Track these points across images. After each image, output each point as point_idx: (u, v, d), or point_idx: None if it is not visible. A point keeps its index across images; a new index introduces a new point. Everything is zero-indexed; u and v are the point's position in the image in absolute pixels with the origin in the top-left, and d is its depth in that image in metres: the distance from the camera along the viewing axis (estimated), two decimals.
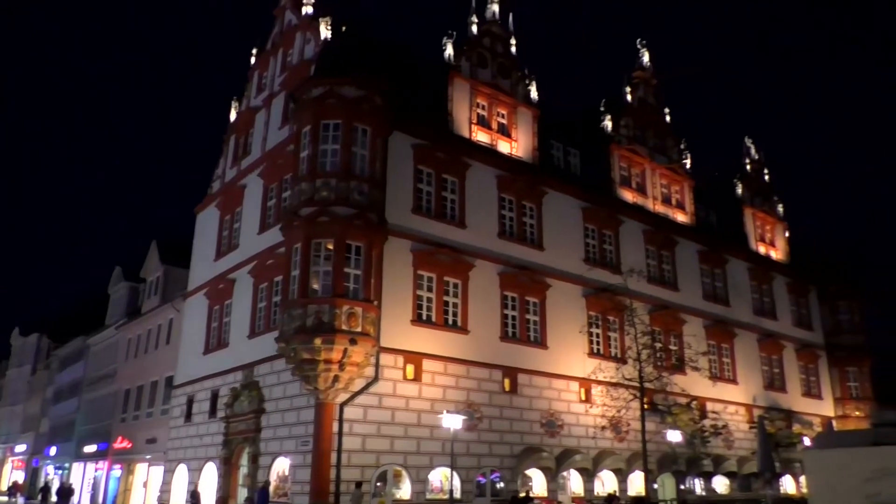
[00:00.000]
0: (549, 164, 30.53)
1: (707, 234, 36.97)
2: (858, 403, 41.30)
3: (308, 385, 21.16)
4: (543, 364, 26.82)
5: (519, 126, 29.35)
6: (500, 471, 24.56)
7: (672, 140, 37.45)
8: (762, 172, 43.64)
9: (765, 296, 39.58)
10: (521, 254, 27.49)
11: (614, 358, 28.30)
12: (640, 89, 36.61)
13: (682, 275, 34.30)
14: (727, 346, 35.62)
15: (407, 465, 22.31)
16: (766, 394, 36.95)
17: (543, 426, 26.06)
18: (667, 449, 28.46)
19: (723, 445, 32.00)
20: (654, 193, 34.91)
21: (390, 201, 23.68)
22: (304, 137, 23.19)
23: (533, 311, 27.34)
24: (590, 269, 29.02)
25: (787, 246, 42.98)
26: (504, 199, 27.75)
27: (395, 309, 23.05)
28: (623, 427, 27.55)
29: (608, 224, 31.47)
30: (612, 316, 29.19)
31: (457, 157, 26.35)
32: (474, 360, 24.70)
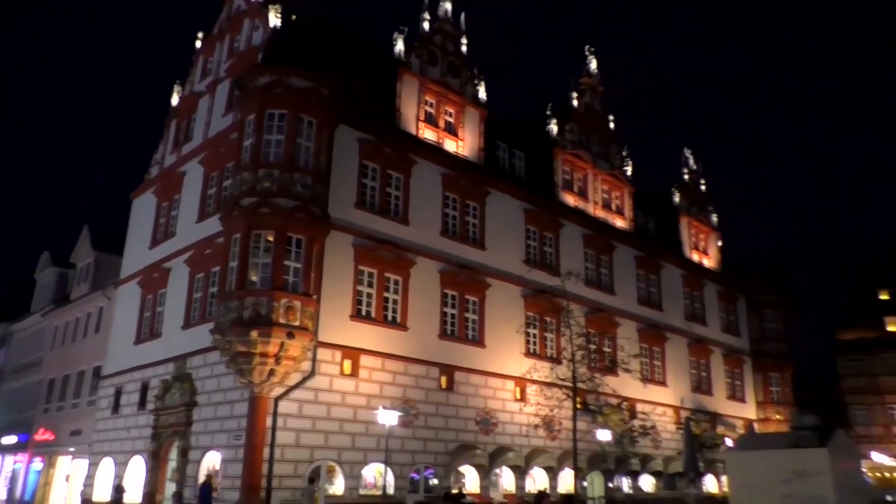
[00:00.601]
0: (494, 165, 30.81)
1: (644, 241, 37.95)
2: (779, 407, 43.09)
3: (242, 378, 20.83)
4: (480, 362, 27.09)
5: (466, 125, 29.52)
6: (434, 467, 24.69)
7: (615, 147, 38.28)
8: (699, 183, 45.05)
9: (696, 302, 40.88)
10: (463, 252, 27.68)
11: (550, 358, 28.77)
12: (586, 95, 37.29)
13: (618, 279, 35.12)
14: (658, 350, 36.65)
15: (341, 460, 22.22)
16: (694, 396, 38.18)
17: (478, 424, 26.33)
18: (597, 448, 29.15)
19: (650, 445, 32.91)
20: (595, 198, 35.62)
21: (334, 195, 23.51)
22: (249, 126, 22.79)
23: (472, 309, 27.57)
24: (529, 271, 29.43)
25: (719, 255, 44.49)
26: (448, 197, 27.88)
27: (335, 304, 22.90)
28: (555, 426, 28.06)
29: (549, 227, 31.97)
30: (549, 317, 29.73)
31: (403, 153, 26.34)
32: (412, 357, 24.76)
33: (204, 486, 19.99)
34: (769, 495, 17.34)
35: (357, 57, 27.55)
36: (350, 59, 26.83)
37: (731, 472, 20.27)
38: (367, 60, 27.75)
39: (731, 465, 20.10)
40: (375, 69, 27.42)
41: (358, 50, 28.23)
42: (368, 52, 28.55)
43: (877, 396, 49.67)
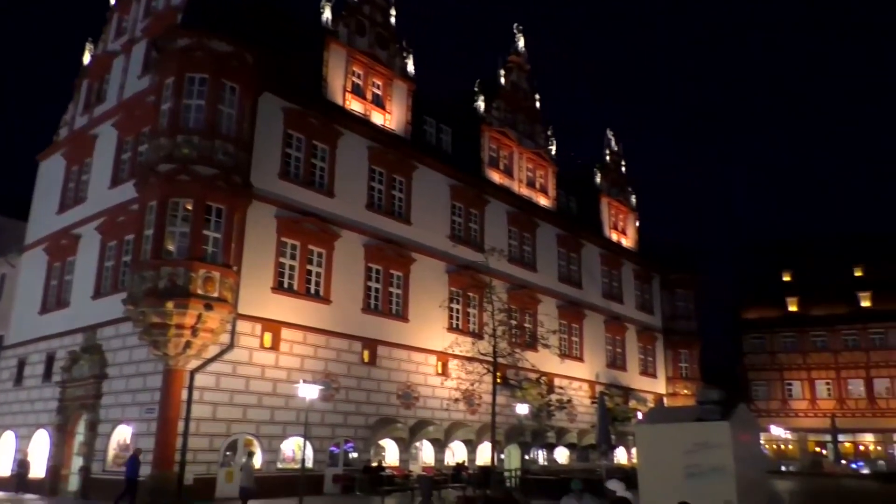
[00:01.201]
0: (421, 140, 30.71)
1: (566, 220, 38.78)
2: (687, 383, 45.23)
3: (157, 350, 20.22)
4: (404, 337, 27.20)
5: (394, 98, 29.25)
6: (355, 441, 24.75)
7: (540, 126, 38.78)
8: (620, 164, 46.24)
9: (613, 280, 42.19)
10: (388, 227, 27.59)
11: (472, 333, 29.16)
12: (513, 74, 37.53)
13: (540, 256, 35.81)
14: (577, 326, 37.71)
15: (259, 434, 21.96)
16: (608, 371, 39.56)
17: (400, 398, 26.51)
18: (515, 421, 29.87)
19: (566, 419, 33.96)
20: (520, 176, 36.07)
21: (257, 164, 22.92)
22: (167, 90, 21.85)
23: (396, 284, 27.58)
24: (454, 246, 29.62)
25: (636, 235, 45.96)
26: (374, 170, 27.65)
27: (256, 275, 22.46)
28: (476, 400, 28.56)
29: (475, 203, 32.21)
30: (472, 292, 30.10)
31: (329, 124, 25.89)
32: (335, 331, 24.62)
33: (132, 458, 19.26)
34: (673, 466, 18.20)
35: (283, 23, 26.78)
36: (275, 25, 26.06)
37: (639, 444, 21.16)
38: (293, 28, 27.03)
39: (640, 438, 20.97)
40: (302, 37, 26.76)
41: (284, 16, 27.43)
42: (295, 19, 27.80)
43: (776, 373, 52.70)
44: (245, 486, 18.24)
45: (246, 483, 18.25)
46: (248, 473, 18.47)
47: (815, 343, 52.08)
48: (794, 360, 52.47)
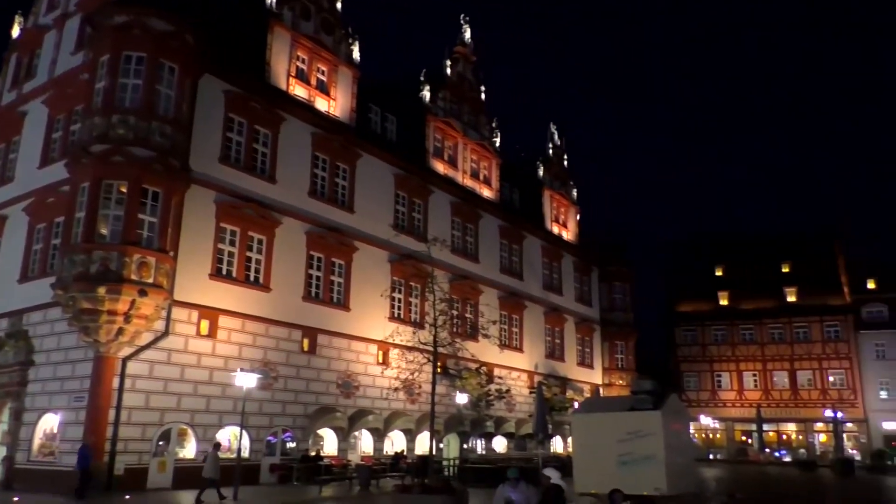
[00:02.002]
0: (366, 128, 30.49)
1: (509, 211, 39.16)
2: (623, 373, 46.39)
3: (87, 337, 19.57)
4: (345, 326, 27.05)
5: (338, 85, 28.92)
6: (293, 430, 24.53)
7: (485, 118, 38.98)
8: (562, 158, 46.91)
9: (554, 272, 42.88)
10: (331, 214, 27.34)
11: (413, 323, 29.20)
12: (459, 64, 37.58)
13: (483, 247, 36.09)
14: (517, 317, 38.18)
15: (194, 423, 21.53)
16: (547, 362, 40.24)
17: (339, 387, 26.38)
18: (454, 411, 30.10)
19: (505, 409, 34.42)
20: (464, 167, 36.22)
21: (196, 148, 22.37)
22: (102, 68, 21.07)
23: (338, 272, 27.39)
24: (397, 235, 29.55)
25: (577, 228, 46.77)
26: (318, 157, 27.33)
27: (193, 261, 21.96)
28: (416, 389, 28.58)
29: (419, 193, 32.21)
30: (414, 282, 30.14)
31: (272, 108, 25.44)
32: (274, 319, 24.30)
33: (82, 449, 18.51)
34: (607, 454, 18.74)
35: (226, 4, 26.14)
36: (218, 5, 25.41)
37: (575, 433, 21.71)
38: (236, 9, 26.40)
39: (576, 427, 21.52)
40: (245, 19, 26.17)
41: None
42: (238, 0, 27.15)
43: (707, 364, 54.56)
44: (208, 476, 18.03)
45: (210, 474, 18.04)
46: (213, 464, 18.24)
47: (744, 336, 54.10)
48: (724, 352, 54.41)
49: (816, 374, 51.71)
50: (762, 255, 55.44)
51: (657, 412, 18.85)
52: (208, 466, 18.25)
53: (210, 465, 18.22)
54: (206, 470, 18.23)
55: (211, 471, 18.05)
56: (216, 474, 18.05)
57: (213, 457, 18.51)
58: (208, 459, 18.54)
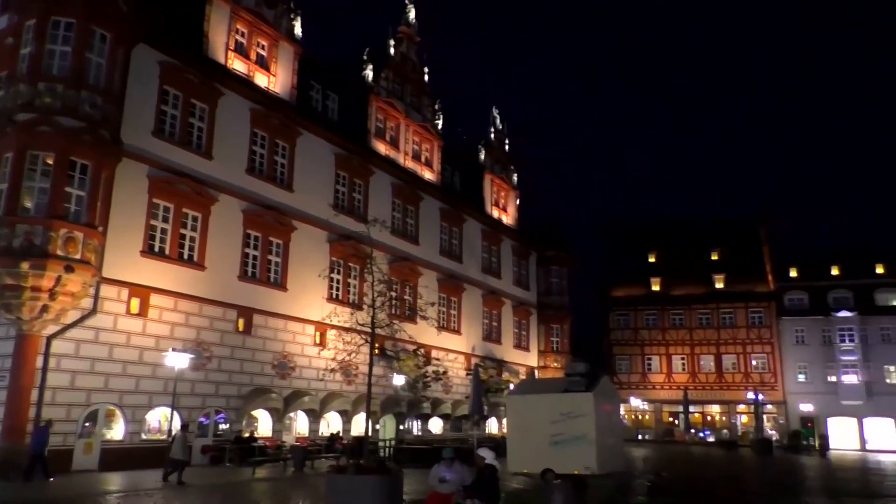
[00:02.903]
0: (307, 105, 29.99)
1: (450, 194, 39.26)
2: (558, 356, 47.38)
3: (9, 314, 18.76)
4: (281, 306, 26.73)
5: (279, 61, 28.32)
6: (226, 411, 24.16)
7: (428, 99, 38.85)
8: (504, 143, 47.23)
9: (493, 256, 43.30)
10: (270, 193, 26.87)
11: (351, 304, 29.06)
12: (403, 45, 37.27)
13: (423, 230, 36.12)
14: (456, 300, 38.45)
15: (122, 404, 20.97)
16: (484, 344, 40.72)
17: (275, 368, 26.09)
18: (391, 392, 30.20)
19: (441, 390, 34.71)
20: (406, 149, 36.07)
21: (128, 120, 21.58)
22: (28, 32, 20.02)
23: (276, 252, 26.99)
24: (336, 215, 29.29)
25: (516, 213, 47.28)
26: (257, 134, 26.76)
27: (124, 238, 21.27)
28: (353, 371, 28.59)
29: (360, 173, 31.94)
30: (353, 263, 29.94)
31: (209, 82, 24.74)
32: (208, 298, 23.81)
33: (42, 429, 17.79)
34: (540, 434, 19.21)
35: None
36: None
37: (509, 414, 22.14)
38: None
39: (510, 408, 21.96)
40: None
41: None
42: None
43: (638, 348, 56.17)
44: (176, 457, 17.96)
45: (178, 455, 17.98)
46: (181, 445, 18.16)
47: (674, 321, 55.86)
48: (655, 336, 56.11)
49: (740, 358, 53.87)
50: (693, 243, 57.21)
51: (589, 394, 19.39)
52: (176, 447, 18.21)
53: (178, 447, 18.17)
54: (174, 451, 18.19)
55: (179, 452, 18.05)
56: (184, 455, 18.10)
57: (182, 438, 18.43)
58: (176, 441, 18.44)
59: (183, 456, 18.09)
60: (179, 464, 17.96)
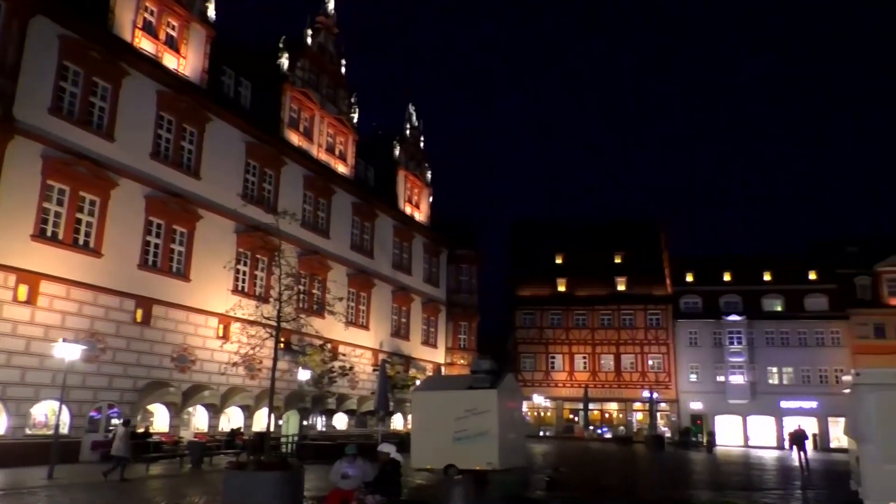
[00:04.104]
0: (218, 91, 29.11)
1: (363, 189, 39.01)
2: (464, 353, 47.98)
3: None
4: (183, 297, 25.85)
5: (190, 43, 27.34)
6: (120, 405, 23.16)
7: (344, 92, 38.46)
8: (419, 139, 47.35)
9: (404, 252, 43.36)
10: (175, 179, 25.92)
11: (257, 296, 28.42)
12: (321, 35, 36.72)
13: (334, 223, 35.74)
14: (365, 295, 38.27)
15: (5, 396, 19.74)
16: (392, 340, 40.74)
17: (174, 360, 25.22)
18: (296, 387, 29.75)
19: (348, 386, 34.49)
20: (319, 141, 35.58)
21: (23, 96, 20.30)
22: None
23: (180, 241, 26.07)
24: (245, 206, 28.56)
25: (429, 210, 47.51)
26: (163, 117, 25.75)
27: (13, 220, 20.03)
28: (256, 365, 27.93)
29: (271, 163, 31.27)
30: (261, 255, 29.31)
31: (113, 60, 23.59)
32: (105, 287, 22.74)
33: None
34: (444, 430, 19.43)
35: None
36: None
37: (414, 410, 22.27)
38: None
39: (416, 404, 22.10)
40: None
41: None
42: None
43: (542, 346, 57.57)
44: (118, 454, 17.47)
45: (120, 452, 17.50)
46: (123, 441, 17.61)
47: (577, 321, 57.61)
48: (559, 335, 57.68)
49: (638, 357, 56.16)
50: (598, 245, 59.11)
51: (493, 391, 19.75)
52: (117, 444, 17.65)
53: (119, 443, 17.64)
54: (115, 448, 17.66)
55: (121, 449, 17.57)
56: (127, 452, 17.63)
57: (123, 434, 17.84)
58: (117, 437, 17.83)
59: (125, 453, 17.66)
60: (121, 461, 17.54)
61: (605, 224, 61.88)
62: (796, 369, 53.41)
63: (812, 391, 52.04)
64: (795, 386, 53.14)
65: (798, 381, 53.29)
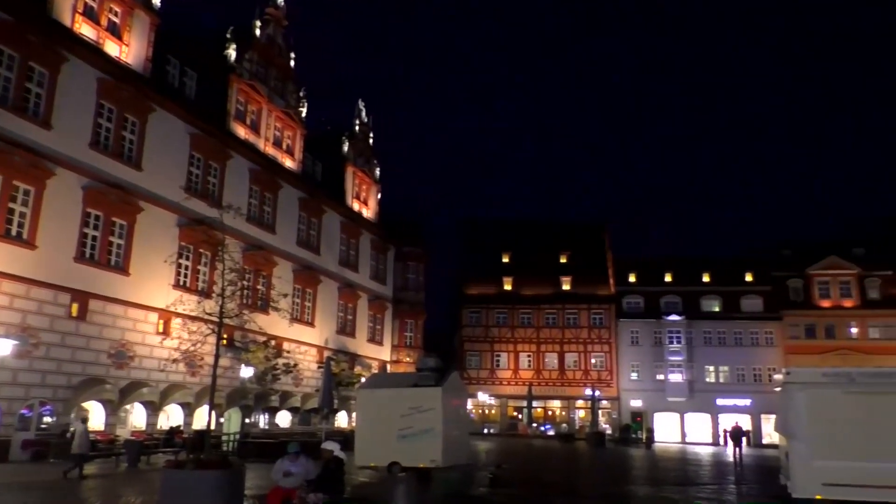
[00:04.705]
0: (162, 81, 28.39)
1: (310, 184, 38.61)
2: (410, 351, 47.99)
3: None
4: (122, 291, 25.15)
5: (133, 30, 26.58)
6: (53, 403, 22.38)
7: (293, 86, 37.98)
8: (368, 135, 47.10)
9: (351, 249, 43.10)
10: (115, 170, 25.18)
11: (200, 292, 27.84)
12: (270, 27, 36.18)
13: (281, 219, 35.27)
14: (311, 291, 37.90)
15: None
16: (338, 337, 40.45)
17: (112, 357, 24.51)
18: (238, 384, 29.27)
19: (292, 383, 34.11)
20: (267, 134, 35.06)
21: None
22: None
23: (119, 233, 25.35)
24: (188, 199, 27.91)
25: (377, 207, 47.32)
26: (104, 106, 24.99)
27: None
28: (198, 361, 27.36)
29: (216, 156, 30.67)
30: (204, 249, 28.71)
31: (51, 45, 22.76)
32: (38, 280, 21.94)
33: None
34: (389, 428, 19.41)
35: None
36: None
37: (359, 407, 22.18)
38: None
39: (360, 402, 22.01)
40: None
41: None
42: None
43: (488, 345, 57.99)
44: (79, 452, 17.26)
45: (81, 449, 17.30)
46: (82, 438, 17.35)
47: (523, 319, 58.20)
48: (504, 334, 58.18)
49: (581, 356, 57.10)
50: (544, 245, 59.85)
51: (438, 389, 19.82)
52: (77, 441, 17.36)
53: (78, 441, 17.36)
54: (75, 445, 17.37)
55: (81, 446, 17.33)
56: (86, 449, 17.50)
57: (83, 431, 17.54)
58: (76, 435, 17.47)
59: (83, 450, 17.48)
60: (80, 458, 17.38)
61: (552, 224, 62.72)
62: (732, 368, 55.17)
63: (746, 389, 53.81)
64: (731, 384, 54.89)
65: (733, 379, 55.07)
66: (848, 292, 54.55)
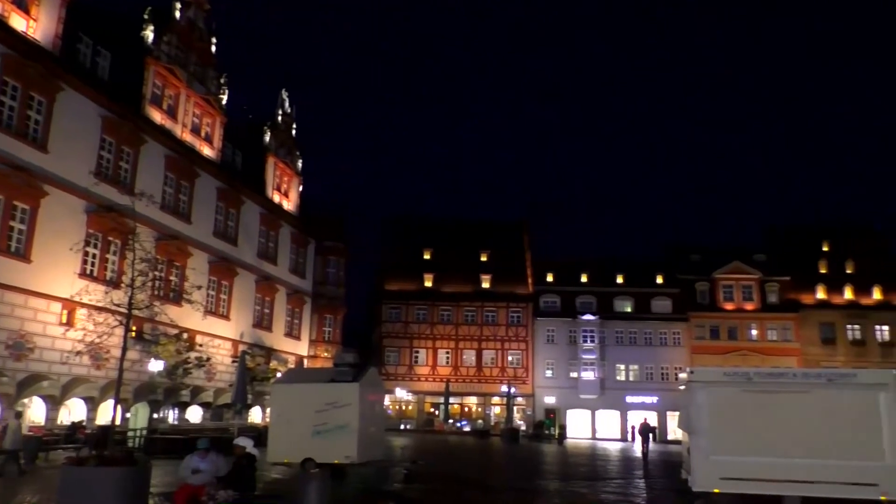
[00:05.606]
0: (73, 60, 27.04)
1: (229, 174, 37.64)
2: (329, 346, 47.51)
3: None
4: (22, 279, 23.83)
5: (42, 5, 25.21)
6: None
7: (214, 72, 36.92)
8: (291, 126, 46.31)
9: (270, 241, 42.28)
10: (18, 151, 23.82)
11: (108, 282, 26.69)
12: (191, 9, 35.01)
13: (197, 208, 34.23)
14: (227, 284, 36.97)
15: None
16: (253, 331, 39.61)
17: (9, 348, 23.20)
18: (146, 378, 28.26)
19: (204, 377, 33.18)
20: (184, 121, 33.94)
21: None
22: None
23: (21, 218, 24.01)
24: (97, 184, 26.74)
25: (298, 199, 46.61)
26: (7, 83, 23.61)
27: None
28: (103, 354, 26.29)
29: (129, 140, 29.46)
30: (114, 237, 27.55)
31: None
32: None
33: None
34: (304, 424, 19.21)
35: None
36: None
37: (274, 403, 21.84)
38: None
39: (275, 397, 21.68)
40: None
41: None
42: None
43: (407, 340, 58.06)
44: (13, 448, 17.01)
45: (15, 445, 17.08)
46: (15, 434, 17.09)
47: (442, 316, 58.58)
48: (424, 330, 58.39)
49: (499, 353, 57.98)
50: (465, 243, 60.44)
51: (355, 384, 19.76)
52: (10, 438, 16.97)
53: (11, 437, 17.04)
54: (8, 441, 17.00)
55: (14, 442, 17.07)
56: (19, 445, 17.18)
57: (16, 427, 17.19)
58: (9, 431, 16.99)
59: (18, 445, 17.21)
60: (15, 454, 17.02)
61: (473, 223, 63.34)
62: (641, 367, 57.27)
63: (653, 387, 55.97)
64: (639, 382, 56.99)
65: (642, 377, 57.20)
66: (750, 296, 57.59)
